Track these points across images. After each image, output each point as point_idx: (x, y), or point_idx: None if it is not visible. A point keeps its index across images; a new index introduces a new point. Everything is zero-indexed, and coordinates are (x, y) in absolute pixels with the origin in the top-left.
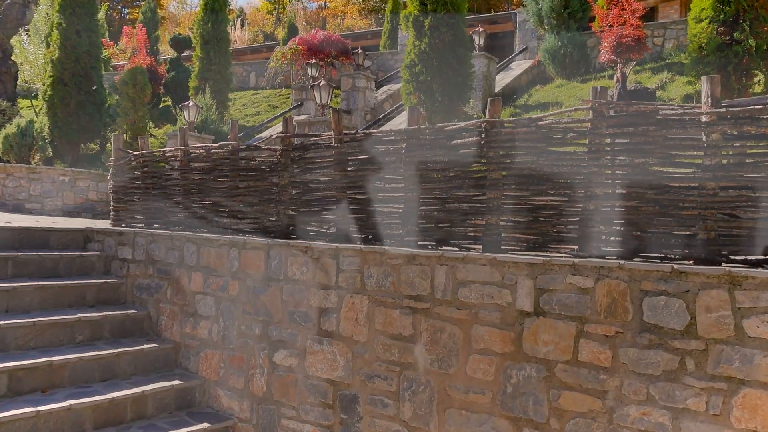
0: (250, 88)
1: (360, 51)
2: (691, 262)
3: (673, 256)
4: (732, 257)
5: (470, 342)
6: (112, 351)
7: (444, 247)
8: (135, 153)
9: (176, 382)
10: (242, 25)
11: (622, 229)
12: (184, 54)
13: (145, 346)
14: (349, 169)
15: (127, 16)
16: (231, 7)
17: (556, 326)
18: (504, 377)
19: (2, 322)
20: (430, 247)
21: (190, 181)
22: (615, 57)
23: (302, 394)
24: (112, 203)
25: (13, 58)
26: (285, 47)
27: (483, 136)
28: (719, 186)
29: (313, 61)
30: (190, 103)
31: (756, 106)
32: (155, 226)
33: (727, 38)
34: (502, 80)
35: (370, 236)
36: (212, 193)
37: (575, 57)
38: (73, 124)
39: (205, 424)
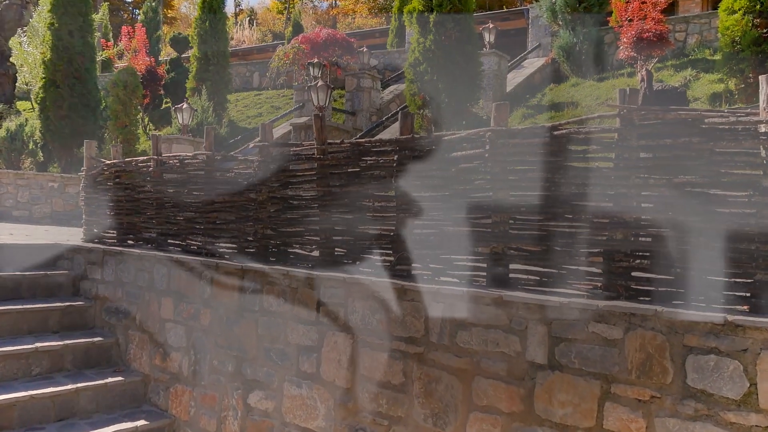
0: (254, 89)
1: (365, 49)
2: (746, 308)
3: (723, 302)
4: None
5: (471, 396)
6: (70, 387)
7: (442, 278)
8: (107, 162)
9: (142, 422)
10: (250, 24)
11: (655, 264)
12: (185, 54)
13: (109, 379)
14: (334, 183)
15: (138, 18)
16: (241, 7)
17: (576, 384)
18: None
19: None
20: (425, 278)
21: (163, 194)
22: (635, 53)
23: None
24: (84, 216)
25: (12, 59)
26: (287, 46)
27: (487, 147)
28: None
29: (316, 60)
30: (184, 105)
31: None
32: (128, 243)
33: (764, 31)
34: (513, 79)
35: (357, 262)
36: (186, 208)
37: (591, 54)
38: (66, 127)
39: None
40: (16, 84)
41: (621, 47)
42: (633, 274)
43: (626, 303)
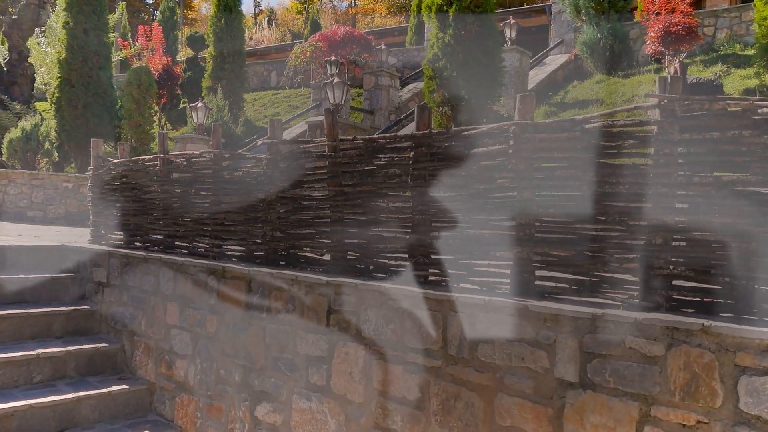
0: (271, 88)
1: (383, 47)
2: None
3: None
4: None
5: (493, 415)
6: (71, 396)
7: (462, 285)
8: (114, 161)
9: None
10: (269, 25)
11: (700, 272)
12: (201, 54)
13: (113, 388)
14: (346, 182)
15: (156, 18)
16: (261, 8)
17: (611, 405)
18: None
19: None
20: (444, 285)
21: (170, 194)
22: (662, 48)
23: None
24: (91, 217)
25: (30, 59)
26: (305, 44)
27: (511, 143)
28: None
29: (333, 58)
30: (199, 104)
31: None
32: (135, 244)
33: None
34: (536, 76)
35: (371, 267)
36: (194, 208)
37: (616, 50)
38: (81, 127)
39: None
40: (35, 84)
41: (648, 42)
42: (674, 282)
43: (668, 315)
